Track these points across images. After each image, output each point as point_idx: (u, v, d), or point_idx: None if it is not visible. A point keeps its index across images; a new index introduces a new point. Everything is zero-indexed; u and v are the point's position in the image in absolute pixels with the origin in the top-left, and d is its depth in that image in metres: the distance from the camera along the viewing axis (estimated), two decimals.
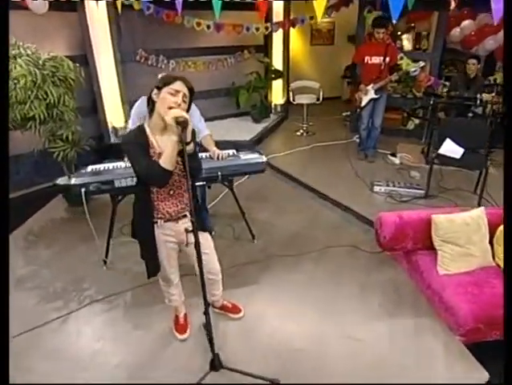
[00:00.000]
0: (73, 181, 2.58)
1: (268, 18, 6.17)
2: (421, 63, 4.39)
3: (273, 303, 2.47)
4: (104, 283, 2.72)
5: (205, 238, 1.98)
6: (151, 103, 1.68)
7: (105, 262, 2.91)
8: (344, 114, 7.11)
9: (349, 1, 5.38)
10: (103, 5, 4.53)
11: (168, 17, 4.92)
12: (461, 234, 2.40)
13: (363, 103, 4.61)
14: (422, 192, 3.80)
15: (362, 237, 3.27)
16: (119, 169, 2.76)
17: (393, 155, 4.93)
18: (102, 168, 2.78)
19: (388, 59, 4.43)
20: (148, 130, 1.70)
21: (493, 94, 4.38)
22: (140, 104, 3.05)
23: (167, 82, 1.62)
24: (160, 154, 1.68)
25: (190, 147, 1.61)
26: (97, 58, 4.76)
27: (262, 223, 3.41)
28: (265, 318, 2.33)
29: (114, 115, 5.18)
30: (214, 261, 2.08)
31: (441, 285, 2.32)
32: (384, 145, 5.09)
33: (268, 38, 6.45)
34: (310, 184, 4.13)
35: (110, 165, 2.84)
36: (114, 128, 5.28)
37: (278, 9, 6.16)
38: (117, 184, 2.58)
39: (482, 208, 2.54)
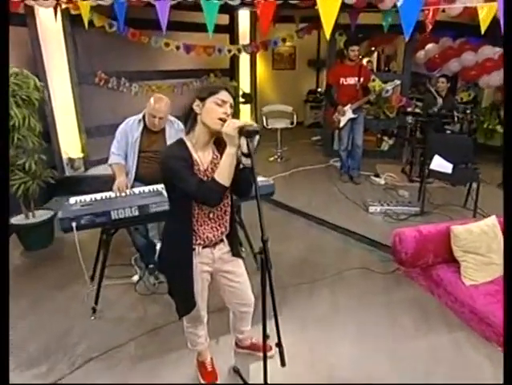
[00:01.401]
0: (60, 214, 2.45)
1: (234, 40, 6.50)
2: (397, 82, 4.83)
3: (302, 335, 2.46)
4: (97, 336, 2.50)
5: (239, 265, 1.95)
6: (192, 116, 1.66)
7: (94, 311, 2.71)
8: (314, 138, 7.51)
9: (320, 25, 5.82)
10: (55, 18, 4.40)
11: (134, 36, 4.95)
12: (480, 243, 2.61)
13: (341, 124, 4.93)
14: (417, 209, 4.08)
15: (369, 259, 3.41)
16: (115, 199, 2.68)
17: (377, 176, 5.26)
18: (90, 199, 2.67)
19: (362, 80, 4.85)
20: (189, 145, 1.68)
21: (468, 111, 4.93)
22: (124, 126, 3.03)
23: (212, 91, 1.63)
24: (205, 171, 1.68)
25: (249, 161, 1.57)
26: (50, 79, 4.57)
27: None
28: (298, 353, 2.30)
29: (69, 144, 4.98)
30: (248, 292, 2.02)
31: (470, 297, 2.48)
32: (361, 167, 5.42)
33: (234, 62, 6.73)
34: (302, 210, 4.25)
35: (98, 196, 2.74)
36: (70, 160, 5.07)
37: (244, 31, 6.50)
38: (114, 215, 2.48)
39: (494, 216, 2.80)
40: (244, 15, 6.68)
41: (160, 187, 2.84)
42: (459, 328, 2.51)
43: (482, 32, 3.64)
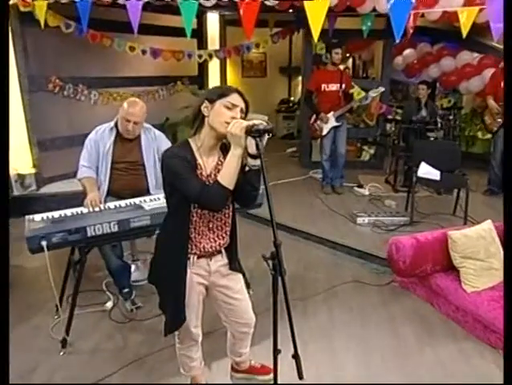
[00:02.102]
0: (28, 233, 2.37)
1: (202, 45, 6.61)
2: (381, 88, 5.08)
3: (304, 355, 2.46)
4: (70, 372, 2.40)
5: (237, 280, 1.96)
6: (199, 118, 1.68)
7: (64, 344, 2.60)
8: (289, 150, 7.68)
9: (296, 29, 6.06)
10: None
11: (94, 38, 4.89)
12: (479, 248, 2.77)
13: (324, 132, 5.10)
14: (406, 218, 4.25)
15: (361, 271, 3.51)
16: (88, 214, 2.63)
17: (360, 186, 5.44)
18: (59, 216, 2.61)
19: (344, 86, 5.06)
20: (194, 147, 1.71)
21: (451, 117, 5.23)
22: (94, 136, 3.00)
23: (222, 93, 1.65)
24: (208, 176, 1.71)
25: (257, 163, 1.60)
26: None
27: (250, 270, 3.44)
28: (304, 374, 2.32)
29: (18, 158, 4.82)
30: (249, 310, 2.01)
31: (473, 304, 2.61)
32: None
33: (203, 69, 6.83)
34: (286, 224, 4.32)
35: (68, 212, 2.68)
36: (19, 176, 4.90)
37: (213, 35, 6.64)
38: (90, 232, 2.44)
39: (489, 220, 2.98)
40: (213, 19, 6.83)
41: (139, 200, 2.83)
42: (464, 338, 2.62)
43: (464, 36, 3.92)
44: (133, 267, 3.48)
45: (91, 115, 5.40)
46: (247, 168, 1.64)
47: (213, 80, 6.99)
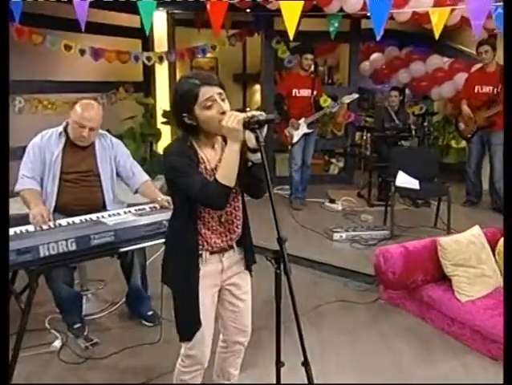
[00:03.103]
0: None
1: (148, 46, 6.68)
2: (355, 95, 5.38)
3: (294, 376, 2.53)
4: None
5: (248, 279, 2.08)
6: (189, 128, 1.75)
7: None
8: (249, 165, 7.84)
9: (254, 30, 6.30)
10: None
11: (21, 34, 4.72)
12: (470, 254, 2.99)
13: (294, 140, 5.30)
14: (386, 232, 4.47)
15: (345, 290, 3.66)
16: (36, 233, 2.58)
17: (332, 201, 5.66)
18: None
19: (315, 92, 5.33)
20: (194, 141, 1.78)
21: (425, 124, 5.62)
22: (39, 142, 2.98)
23: (191, 97, 1.68)
24: (212, 170, 1.80)
25: (258, 156, 1.67)
26: None
27: None
28: None
29: None
30: (249, 317, 2.10)
31: (469, 314, 2.80)
32: (309, 194, 5.80)
33: (150, 74, 6.89)
34: (257, 245, 4.39)
35: (11, 230, 2.61)
36: None
37: (160, 36, 6.72)
38: (43, 251, 2.40)
39: (477, 226, 3.23)
40: (160, 18, 6.92)
41: (96, 216, 2.81)
42: (463, 351, 2.79)
43: (436, 38, 4.30)
44: (83, 299, 3.41)
45: (15, 125, 5.24)
46: (249, 164, 1.73)
47: (161, 87, 7.06)
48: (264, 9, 5.15)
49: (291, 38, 3.48)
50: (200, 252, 1.87)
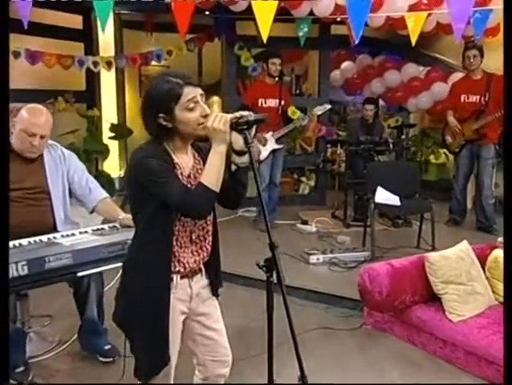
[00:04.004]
0: None
1: (92, 50, 6.70)
2: (327, 106, 5.59)
3: None
4: None
5: (216, 307, 2.09)
6: (163, 131, 1.79)
7: None
8: None
9: (214, 35, 6.48)
10: None
11: None
12: (460, 270, 3.16)
13: (262, 156, 5.43)
14: (367, 254, 4.64)
15: (326, 316, 3.77)
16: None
17: (304, 223, 5.80)
18: None
19: (283, 102, 5.50)
20: (166, 146, 1.83)
21: (403, 136, 5.90)
22: None
23: (173, 96, 1.74)
24: (188, 178, 1.86)
25: (244, 160, 1.78)
26: None
27: None
28: None
29: None
30: (227, 345, 2.12)
31: (462, 335, 2.95)
32: (279, 216, 5.96)
33: (93, 82, 6.89)
34: (225, 271, 4.45)
35: None
36: None
37: (106, 39, 6.74)
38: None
39: (465, 241, 3.43)
40: None
41: (47, 237, 2.80)
42: (458, 375, 2.94)
43: (413, 43, 4.58)
44: (28, 338, 3.35)
45: None
46: (233, 167, 1.83)
47: (108, 97, 7.07)
48: (226, 11, 5.32)
49: (265, 41, 3.63)
50: (172, 274, 1.88)
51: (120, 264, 2.63)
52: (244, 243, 5.21)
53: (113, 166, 7.17)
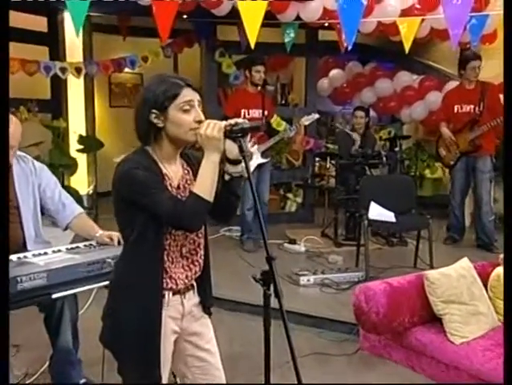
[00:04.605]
0: None
1: (58, 55, 6.70)
2: (315, 115, 5.69)
3: None
4: None
5: (208, 326, 2.15)
6: (151, 131, 1.85)
7: None
8: None
9: (194, 40, 6.56)
10: None
11: None
12: (461, 289, 3.24)
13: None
14: (361, 274, 4.71)
15: (319, 341, 3.83)
16: None
17: (293, 242, 5.87)
18: None
19: (266, 112, 5.59)
20: (154, 155, 1.88)
21: (396, 149, 6.02)
22: None
23: (172, 94, 1.80)
24: (177, 189, 1.91)
25: (239, 169, 1.85)
26: None
27: None
28: None
29: None
30: (220, 367, 2.15)
31: (466, 358, 3.01)
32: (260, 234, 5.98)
33: (59, 90, 6.88)
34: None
35: None
36: None
37: (73, 43, 6.71)
38: None
39: (466, 258, 3.52)
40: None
41: (17, 256, 2.81)
42: None
43: (406, 50, 4.74)
44: None
45: None
46: (227, 177, 1.89)
47: (75, 107, 7.04)
48: (206, 15, 5.41)
49: (252, 46, 3.71)
50: (164, 291, 1.92)
51: (100, 284, 2.70)
52: (228, 265, 5.25)
53: (81, 181, 7.15)
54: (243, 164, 1.85)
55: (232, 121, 1.80)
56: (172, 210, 1.77)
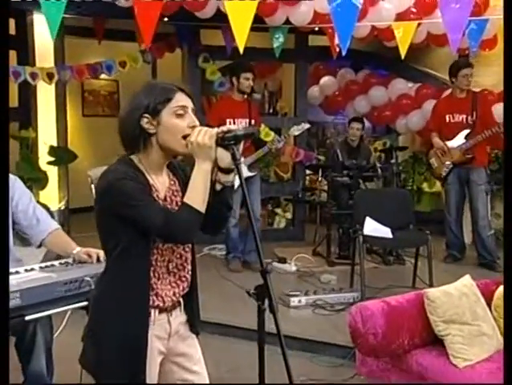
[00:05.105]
0: None
1: (27, 59, 6.68)
2: (305, 125, 5.74)
3: None
4: None
5: (196, 346, 2.15)
6: (141, 138, 1.87)
7: None
8: None
9: (176, 44, 6.58)
10: None
11: None
12: (463, 309, 3.27)
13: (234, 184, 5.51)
14: (356, 294, 4.74)
15: (312, 367, 3.83)
16: None
17: (282, 261, 5.89)
18: None
19: (253, 122, 5.62)
20: (140, 166, 1.90)
21: (392, 160, 6.08)
22: None
23: (165, 98, 1.84)
24: (164, 200, 1.93)
25: (230, 178, 1.89)
26: None
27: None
28: None
29: None
30: None
31: (470, 382, 3.04)
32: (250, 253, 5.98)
33: (28, 97, 6.82)
34: None
35: None
36: None
37: (44, 46, 6.68)
38: None
39: (468, 275, 3.56)
40: (43, 23, 6.90)
41: None
42: None
43: (402, 56, 4.81)
44: None
45: None
46: (218, 187, 1.92)
47: (45, 116, 6.95)
48: (189, 18, 5.44)
49: (241, 50, 3.74)
50: (150, 309, 1.93)
51: (78, 304, 2.69)
52: (213, 286, 5.25)
53: (52, 196, 7.07)
54: (236, 173, 1.88)
55: (224, 128, 1.83)
56: (163, 223, 1.79)
